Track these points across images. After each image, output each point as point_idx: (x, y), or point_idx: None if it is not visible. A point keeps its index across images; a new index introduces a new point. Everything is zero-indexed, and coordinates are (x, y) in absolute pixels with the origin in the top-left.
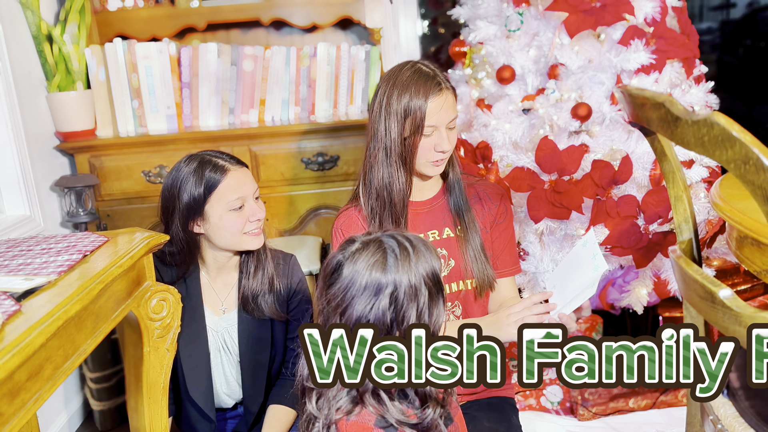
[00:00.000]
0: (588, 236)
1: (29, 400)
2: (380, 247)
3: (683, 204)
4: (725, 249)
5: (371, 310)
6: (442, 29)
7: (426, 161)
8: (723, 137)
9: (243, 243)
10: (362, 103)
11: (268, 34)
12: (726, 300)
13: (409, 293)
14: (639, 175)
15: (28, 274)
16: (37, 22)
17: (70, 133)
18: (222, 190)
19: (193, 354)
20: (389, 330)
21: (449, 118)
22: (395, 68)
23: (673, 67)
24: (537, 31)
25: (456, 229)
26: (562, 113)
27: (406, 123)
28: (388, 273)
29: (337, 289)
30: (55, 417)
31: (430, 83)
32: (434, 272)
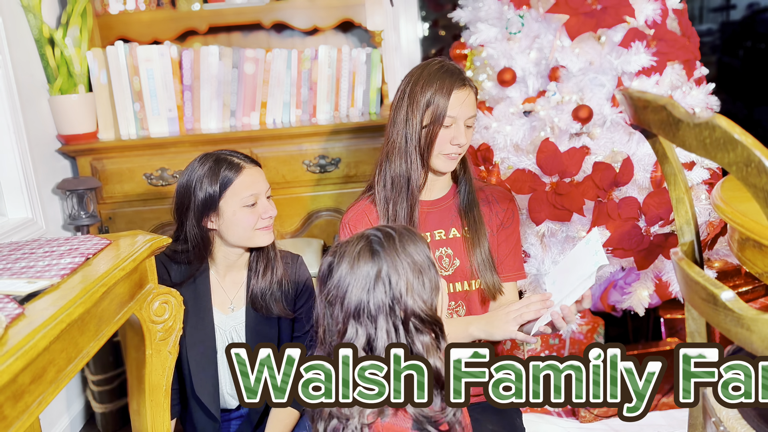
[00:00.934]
0: (591, 234)
1: (32, 403)
2: (364, 238)
3: (684, 206)
4: (727, 251)
5: (368, 294)
6: (443, 32)
7: (440, 153)
8: (725, 140)
9: (254, 239)
10: (363, 106)
11: (269, 37)
12: (728, 302)
13: (402, 273)
14: (640, 177)
15: (31, 277)
16: (39, 26)
17: (72, 136)
18: (236, 187)
19: (201, 353)
20: (392, 310)
21: (469, 114)
22: (422, 63)
23: (674, 69)
24: (538, 33)
25: (463, 230)
26: (563, 115)
27: (428, 112)
28: (375, 257)
29: (332, 284)
30: (57, 420)
31: (455, 77)
32: (422, 251)
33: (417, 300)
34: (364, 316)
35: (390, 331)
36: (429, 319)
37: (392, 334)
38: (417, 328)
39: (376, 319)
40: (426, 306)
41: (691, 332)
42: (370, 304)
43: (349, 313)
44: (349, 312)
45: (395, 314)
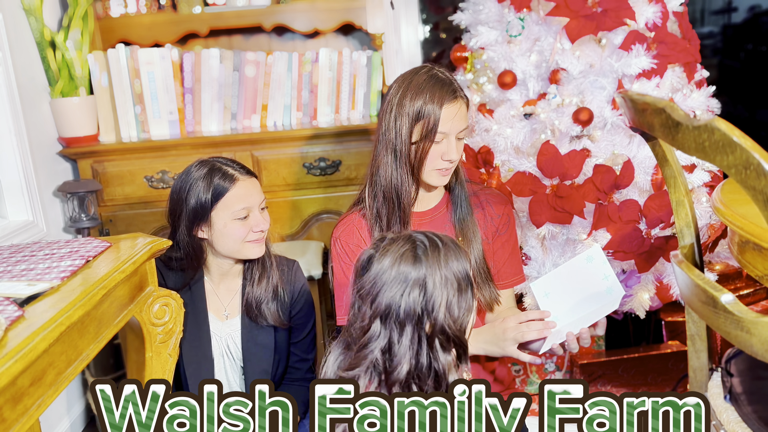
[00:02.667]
0: (593, 252)
1: (32, 405)
2: (410, 240)
3: (685, 209)
4: (727, 253)
5: (401, 297)
6: (444, 34)
7: (432, 169)
8: (724, 143)
9: (243, 251)
10: (364, 108)
11: (270, 40)
12: (728, 305)
13: (439, 286)
14: (641, 180)
15: (31, 279)
16: (40, 28)
17: (73, 139)
18: (229, 199)
19: (197, 359)
20: (420, 320)
21: (460, 128)
22: (411, 71)
23: (675, 72)
24: (538, 36)
25: (457, 240)
26: (563, 118)
27: (417, 127)
28: (417, 264)
29: (367, 279)
30: (58, 422)
31: (446, 89)
32: (464, 269)
33: (448, 317)
34: (392, 320)
35: (414, 341)
36: (455, 338)
37: (415, 344)
38: (442, 345)
39: (404, 325)
40: (455, 325)
41: (692, 335)
42: (401, 309)
43: (378, 312)
44: (378, 311)
45: (422, 326)
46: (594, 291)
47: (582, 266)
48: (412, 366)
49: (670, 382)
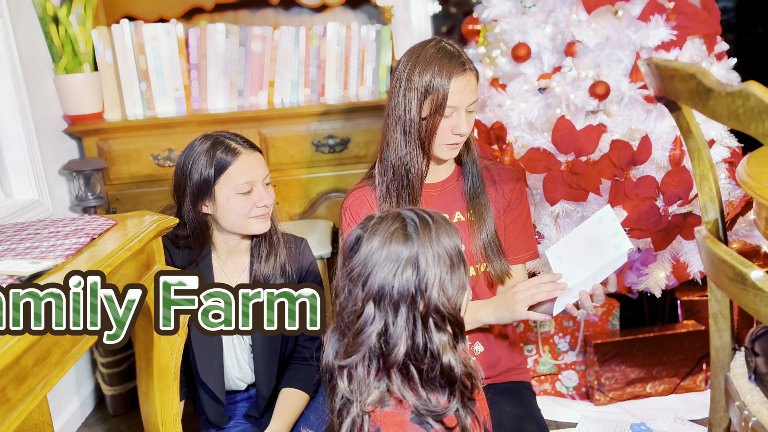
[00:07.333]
0: (604, 212)
1: (36, 385)
2: (399, 218)
3: (709, 183)
4: (746, 231)
5: (394, 277)
6: (454, 8)
7: (442, 143)
8: (759, 109)
9: (248, 226)
10: (373, 84)
11: (276, 14)
12: (758, 281)
13: (432, 263)
14: (658, 156)
15: (36, 257)
16: (42, 3)
17: (78, 117)
18: (231, 173)
19: (205, 338)
20: (414, 300)
21: (470, 101)
22: (418, 44)
23: (694, 44)
24: (553, 7)
25: (468, 214)
26: (579, 92)
27: (426, 101)
28: (408, 242)
29: (357, 261)
30: (67, 402)
31: (455, 62)
32: (455, 245)
33: (442, 295)
34: (385, 301)
35: (408, 321)
36: (450, 317)
37: (410, 325)
38: (437, 324)
39: (398, 306)
40: (449, 303)
41: (714, 313)
42: (395, 289)
43: (371, 294)
44: (370, 293)
45: (416, 305)
46: (604, 248)
47: (593, 227)
48: (408, 347)
49: (685, 362)
